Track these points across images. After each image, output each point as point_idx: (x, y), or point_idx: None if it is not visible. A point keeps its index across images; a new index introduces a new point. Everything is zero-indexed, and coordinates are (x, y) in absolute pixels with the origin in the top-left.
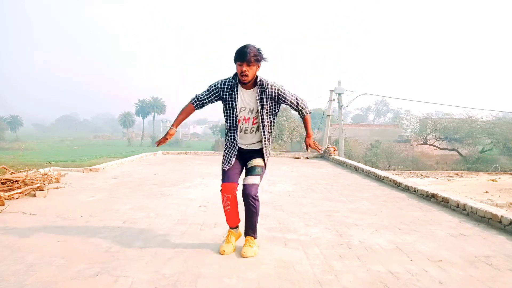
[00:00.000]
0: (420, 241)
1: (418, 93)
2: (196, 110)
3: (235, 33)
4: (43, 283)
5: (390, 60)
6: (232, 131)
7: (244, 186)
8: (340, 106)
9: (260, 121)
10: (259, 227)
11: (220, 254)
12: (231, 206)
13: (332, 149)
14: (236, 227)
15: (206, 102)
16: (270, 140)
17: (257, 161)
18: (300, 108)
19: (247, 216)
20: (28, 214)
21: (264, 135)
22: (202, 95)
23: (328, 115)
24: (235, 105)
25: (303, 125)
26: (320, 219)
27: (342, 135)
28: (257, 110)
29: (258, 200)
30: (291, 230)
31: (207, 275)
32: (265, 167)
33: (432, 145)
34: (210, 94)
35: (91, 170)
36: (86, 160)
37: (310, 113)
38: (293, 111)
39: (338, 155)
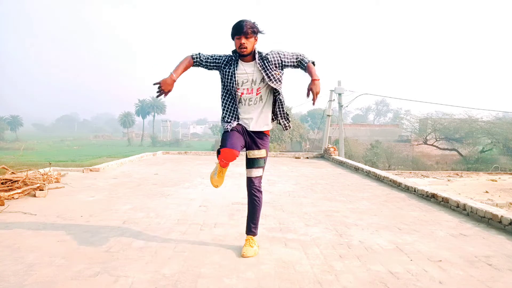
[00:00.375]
0: (420, 241)
1: (418, 93)
2: (192, 66)
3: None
4: (43, 283)
5: (390, 60)
6: (231, 103)
7: (249, 178)
8: (340, 106)
9: (268, 93)
10: (259, 227)
11: (213, 187)
12: (225, 168)
13: (332, 149)
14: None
15: (204, 64)
16: (286, 116)
17: (260, 153)
18: (300, 61)
19: (250, 210)
20: (28, 214)
21: (280, 109)
22: (204, 55)
23: (328, 115)
24: (235, 75)
25: (303, 125)
26: (320, 219)
27: (342, 135)
28: (261, 80)
29: (261, 192)
30: (291, 230)
31: (207, 275)
32: (267, 157)
33: (432, 145)
34: (212, 59)
35: (91, 170)
36: (86, 160)
37: (312, 61)
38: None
39: (338, 155)
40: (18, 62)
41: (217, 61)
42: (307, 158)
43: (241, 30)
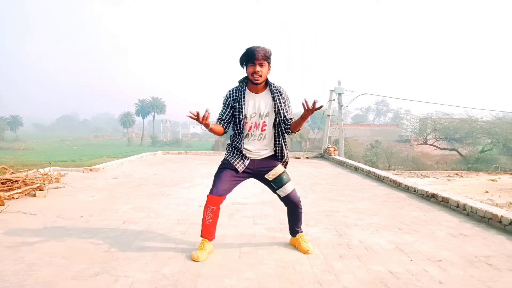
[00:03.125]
0: (420, 241)
1: (418, 93)
2: (226, 131)
3: (236, 33)
4: (43, 283)
5: (390, 60)
6: (239, 140)
7: (286, 197)
8: (340, 106)
9: (278, 125)
10: (260, 227)
11: (193, 260)
12: (213, 220)
13: (332, 149)
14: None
15: (229, 119)
16: (286, 150)
17: (276, 171)
18: (289, 121)
19: (294, 219)
20: (28, 214)
21: (284, 141)
22: (222, 114)
23: (328, 115)
24: (243, 110)
25: (302, 125)
26: (320, 219)
27: (342, 135)
28: (267, 114)
29: (300, 203)
30: None
31: (207, 275)
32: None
33: (432, 145)
34: (227, 109)
35: (91, 170)
36: (86, 160)
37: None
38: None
39: (338, 155)
40: (18, 62)
41: (228, 104)
42: (307, 158)
43: (255, 57)
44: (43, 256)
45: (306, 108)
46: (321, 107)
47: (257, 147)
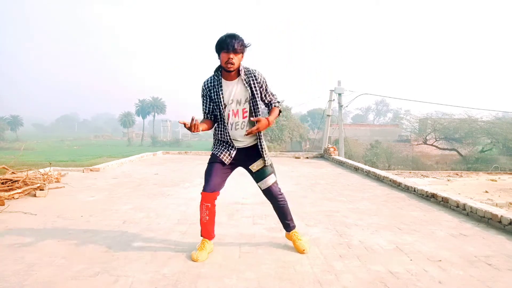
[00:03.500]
0: (420, 241)
1: (418, 93)
2: (211, 122)
3: (237, 32)
4: (43, 283)
5: (390, 60)
6: (222, 129)
7: (266, 189)
8: (340, 106)
9: (253, 109)
10: (260, 227)
11: (193, 261)
12: (209, 217)
13: (332, 149)
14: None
15: (211, 110)
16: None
17: (261, 162)
18: (271, 102)
19: (281, 212)
20: (28, 214)
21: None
22: (204, 107)
23: (328, 115)
24: (221, 99)
25: (303, 125)
26: (320, 219)
27: (342, 135)
28: (245, 100)
29: (282, 194)
30: None
31: (207, 275)
32: (271, 163)
33: (432, 145)
34: (207, 101)
35: (91, 170)
36: (86, 160)
37: (279, 106)
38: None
39: (338, 155)
40: (18, 62)
41: (205, 96)
42: (307, 158)
43: (229, 45)
44: (43, 256)
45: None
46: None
47: (241, 134)
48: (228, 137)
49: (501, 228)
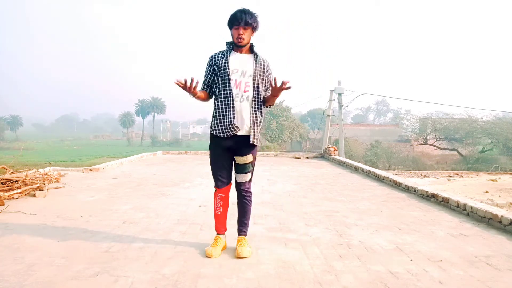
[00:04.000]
0: (420, 241)
1: (418, 93)
2: (210, 96)
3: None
4: (43, 283)
5: (390, 60)
6: (226, 98)
7: (241, 183)
8: (340, 106)
9: (253, 88)
10: (260, 227)
11: (207, 257)
12: (223, 208)
13: (332, 149)
14: (223, 234)
15: (211, 82)
16: (261, 125)
17: (246, 158)
18: (264, 93)
19: (241, 211)
20: (28, 214)
21: (256, 111)
22: (205, 78)
23: (328, 115)
24: (228, 66)
25: (303, 125)
26: (320, 219)
27: (342, 135)
28: (250, 75)
29: (251, 192)
30: (291, 230)
31: (207, 275)
32: (254, 160)
33: (432, 145)
34: (209, 71)
35: (91, 170)
36: (86, 160)
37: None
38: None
39: (338, 155)
40: (18, 62)
41: (210, 65)
42: (307, 158)
43: (240, 20)
44: (43, 256)
45: (274, 86)
46: (289, 88)
47: (239, 115)
48: (231, 109)
49: (501, 228)
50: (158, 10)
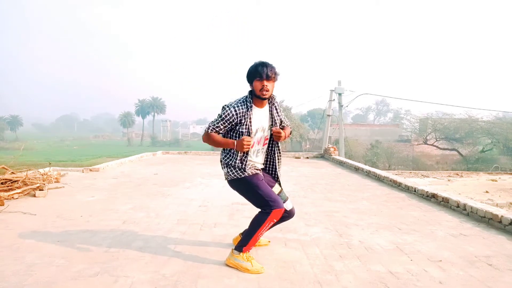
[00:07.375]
0: (420, 241)
1: (418, 93)
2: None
3: (236, 33)
4: (43, 283)
5: (390, 60)
6: (241, 155)
7: (290, 211)
8: (340, 106)
9: (270, 140)
10: None
11: (257, 273)
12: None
13: (332, 149)
14: None
15: (225, 132)
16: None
17: (278, 188)
18: (282, 123)
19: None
20: (28, 214)
21: (279, 152)
22: (218, 126)
23: (328, 115)
24: (250, 126)
25: (303, 125)
26: (320, 219)
27: (342, 135)
28: (268, 128)
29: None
30: (291, 230)
31: (207, 275)
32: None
33: (432, 145)
34: (227, 124)
35: (91, 170)
36: (86, 160)
37: (290, 130)
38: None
39: (338, 155)
40: (18, 62)
41: (231, 120)
42: (307, 158)
43: (262, 73)
44: (43, 256)
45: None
46: (277, 132)
47: (260, 161)
48: (248, 161)
49: (501, 228)
50: (158, 10)
